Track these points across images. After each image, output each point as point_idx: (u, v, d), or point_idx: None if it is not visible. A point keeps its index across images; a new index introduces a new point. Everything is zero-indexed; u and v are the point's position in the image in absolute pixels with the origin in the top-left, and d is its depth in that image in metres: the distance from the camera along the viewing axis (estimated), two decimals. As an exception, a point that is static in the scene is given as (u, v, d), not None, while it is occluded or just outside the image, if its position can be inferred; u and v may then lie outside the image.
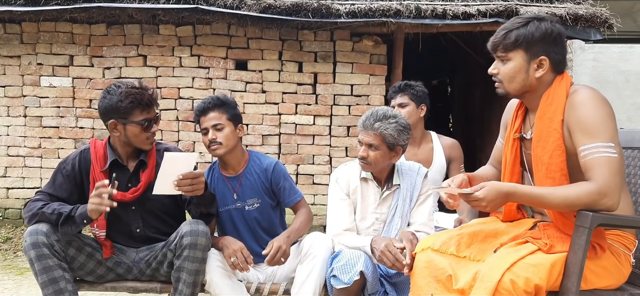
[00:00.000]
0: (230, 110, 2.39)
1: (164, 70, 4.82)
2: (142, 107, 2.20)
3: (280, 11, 4.40)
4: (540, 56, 1.75)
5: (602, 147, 1.62)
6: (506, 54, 1.78)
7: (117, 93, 2.19)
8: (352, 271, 2.05)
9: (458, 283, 1.72)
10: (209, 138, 2.33)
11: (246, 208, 2.43)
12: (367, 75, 4.83)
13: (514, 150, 1.91)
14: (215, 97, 2.40)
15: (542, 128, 1.76)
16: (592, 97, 1.68)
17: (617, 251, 1.77)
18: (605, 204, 1.62)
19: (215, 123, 2.33)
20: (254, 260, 2.38)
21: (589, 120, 1.65)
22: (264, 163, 2.47)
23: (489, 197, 1.67)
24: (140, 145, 2.27)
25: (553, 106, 1.74)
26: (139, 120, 2.20)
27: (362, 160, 2.26)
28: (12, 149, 4.89)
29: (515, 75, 1.78)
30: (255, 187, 2.44)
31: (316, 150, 4.87)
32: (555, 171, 1.72)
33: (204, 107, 2.36)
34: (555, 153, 1.72)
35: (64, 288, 2.11)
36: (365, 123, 2.24)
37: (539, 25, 1.74)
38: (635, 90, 7.50)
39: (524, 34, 1.73)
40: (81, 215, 2.08)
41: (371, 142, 2.22)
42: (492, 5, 4.47)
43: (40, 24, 4.74)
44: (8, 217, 4.90)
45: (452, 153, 3.09)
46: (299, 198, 2.50)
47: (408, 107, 2.99)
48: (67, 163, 2.29)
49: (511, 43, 1.75)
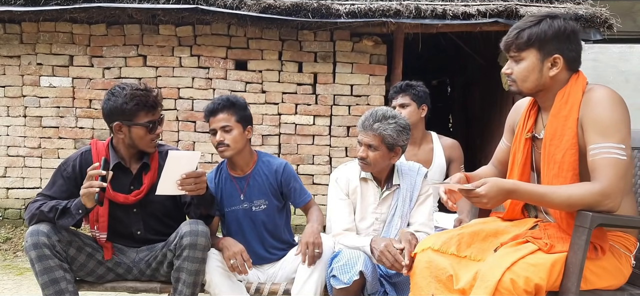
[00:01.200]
0: (240, 112, 2.37)
1: (164, 70, 4.82)
2: (147, 109, 2.19)
3: (280, 11, 4.40)
4: (554, 54, 1.73)
5: (613, 148, 1.60)
6: (519, 53, 1.76)
7: (122, 95, 2.16)
8: (352, 271, 2.05)
9: (459, 283, 1.72)
10: (217, 140, 2.32)
11: (253, 209, 2.41)
12: (367, 75, 4.83)
13: (525, 151, 1.88)
14: (225, 98, 2.37)
15: (557, 127, 1.73)
16: (609, 97, 1.66)
17: (617, 252, 1.77)
18: (607, 206, 1.61)
19: (224, 125, 2.31)
20: (257, 261, 2.39)
21: (602, 120, 1.63)
22: (274, 164, 2.46)
23: (490, 194, 1.66)
24: (144, 147, 2.25)
25: (569, 104, 1.72)
26: (144, 122, 2.19)
27: (362, 161, 2.26)
28: (12, 149, 4.88)
29: (529, 75, 1.76)
30: (263, 189, 2.42)
31: (316, 150, 4.87)
32: (567, 170, 1.70)
33: (214, 107, 2.34)
34: (569, 152, 1.70)
35: (64, 289, 2.11)
36: (364, 123, 2.24)
37: (552, 23, 1.72)
38: (635, 90, 7.49)
39: (536, 33, 1.71)
40: (76, 205, 2.08)
41: (370, 142, 2.22)
42: (492, 5, 4.47)
43: (40, 24, 4.74)
44: (8, 217, 4.90)
45: (452, 153, 3.09)
46: (309, 198, 2.50)
47: (409, 107, 2.99)
48: (67, 165, 2.28)
49: (524, 42, 1.73)
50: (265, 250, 2.42)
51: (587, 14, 4.43)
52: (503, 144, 2.11)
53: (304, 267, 2.19)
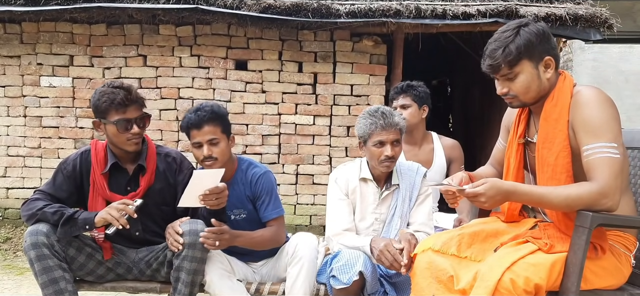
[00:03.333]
0: (225, 122, 2.27)
1: (164, 70, 4.82)
2: (116, 106, 2.16)
3: (280, 11, 4.40)
4: (545, 57, 1.74)
5: (605, 147, 1.61)
6: (512, 69, 1.73)
7: (98, 92, 2.20)
8: (351, 272, 2.05)
9: (459, 283, 1.72)
10: (205, 154, 2.20)
11: (232, 218, 2.35)
12: (367, 75, 4.83)
13: (518, 155, 1.90)
14: (209, 109, 2.23)
15: (548, 130, 1.75)
16: (597, 97, 1.68)
17: (617, 252, 1.77)
18: (605, 205, 1.62)
19: (210, 138, 2.20)
20: (246, 259, 2.39)
21: (593, 120, 1.64)
22: (250, 174, 2.36)
23: (489, 193, 1.66)
24: (122, 145, 2.23)
25: (558, 107, 1.73)
26: (114, 120, 2.17)
27: (391, 160, 2.24)
28: (12, 149, 4.88)
29: (530, 85, 1.75)
30: (241, 198, 2.36)
31: (316, 150, 4.86)
32: (561, 173, 1.71)
33: (198, 120, 2.20)
34: (561, 154, 1.71)
35: (64, 289, 2.11)
36: (386, 122, 2.21)
37: (530, 29, 1.72)
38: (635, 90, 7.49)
39: (522, 43, 1.70)
40: (85, 220, 2.10)
41: (395, 137, 2.23)
42: (492, 5, 4.47)
43: (40, 24, 4.73)
44: (8, 217, 4.90)
45: (452, 153, 3.09)
46: (275, 216, 2.35)
47: (410, 108, 2.99)
48: (67, 164, 2.28)
49: (514, 57, 1.71)
50: (252, 253, 2.40)
51: (587, 14, 4.43)
52: (500, 144, 2.12)
53: (291, 269, 2.19)
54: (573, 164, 1.70)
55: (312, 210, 4.89)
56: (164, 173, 2.33)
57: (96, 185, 2.24)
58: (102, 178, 2.24)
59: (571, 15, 4.41)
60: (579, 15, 4.41)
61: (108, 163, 2.26)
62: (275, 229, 2.35)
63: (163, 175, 2.33)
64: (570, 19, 4.40)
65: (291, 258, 2.21)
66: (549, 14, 4.39)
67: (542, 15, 4.36)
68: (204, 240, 2.07)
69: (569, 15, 4.40)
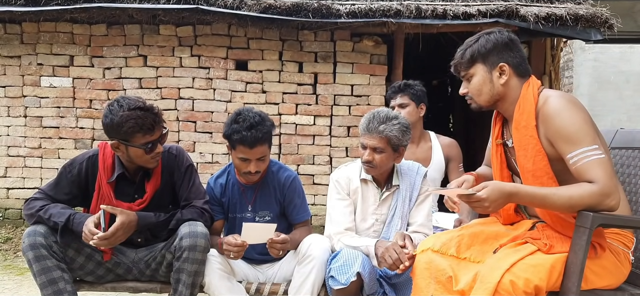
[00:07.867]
0: (272, 137, 2.31)
1: (164, 70, 4.82)
2: (144, 131, 2.11)
3: (281, 11, 4.40)
4: (499, 63, 1.81)
5: (589, 151, 1.63)
6: (467, 71, 1.88)
7: (118, 115, 2.08)
8: (349, 272, 2.05)
9: (458, 284, 1.72)
10: (252, 171, 2.24)
11: (256, 219, 2.40)
12: (368, 76, 4.82)
13: (499, 156, 1.95)
14: (264, 129, 2.21)
15: (520, 138, 1.79)
16: (565, 105, 1.70)
17: (616, 250, 1.77)
18: (608, 204, 1.62)
19: (261, 156, 2.25)
20: (257, 260, 2.40)
21: (567, 129, 1.67)
22: (282, 177, 2.43)
23: (492, 197, 1.65)
24: (144, 164, 2.22)
25: (525, 114, 1.77)
26: (141, 144, 2.14)
27: (367, 164, 2.24)
28: (13, 149, 4.88)
29: (482, 87, 1.85)
30: (270, 201, 2.42)
31: (316, 150, 4.86)
32: (541, 175, 1.74)
33: (252, 141, 2.18)
34: (537, 158, 1.74)
35: (63, 289, 2.11)
36: (369, 126, 2.21)
37: (489, 37, 1.84)
38: (635, 90, 7.49)
39: (477, 48, 1.84)
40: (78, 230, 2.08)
41: (376, 145, 2.20)
42: (493, 5, 4.47)
43: (41, 24, 4.74)
44: (8, 217, 4.90)
45: (450, 152, 3.10)
46: (306, 218, 2.47)
47: (408, 107, 3.00)
48: (73, 168, 2.25)
49: (468, 60, 1.86)
50: (268, 254, 2.41)
51: (587, 14, 4.42)
52: (490, 145, 2.13)
53: (301, 269, 2.19)
54: (553, 167, 1.72)
55: (312, 210, 4.88)
56: (165, 173, 2.33)
57: (102, 192, 2.23)
58: (109, 186, 2.22)
59: (572, 15, 4.40)
60: (579, 15, 4.41)
61: (115, 173, 2.24)
62: (308, 230, 2.45)
63: (164, 175, 2.33)
64: (571, 19, 4.39)
65: (303, 258, 2.21)
66: (549, 14, 4.38)
67: (543, 15, 4.36)
68: (270, 250, 2.14)
69: (570, 15, 4.40)
